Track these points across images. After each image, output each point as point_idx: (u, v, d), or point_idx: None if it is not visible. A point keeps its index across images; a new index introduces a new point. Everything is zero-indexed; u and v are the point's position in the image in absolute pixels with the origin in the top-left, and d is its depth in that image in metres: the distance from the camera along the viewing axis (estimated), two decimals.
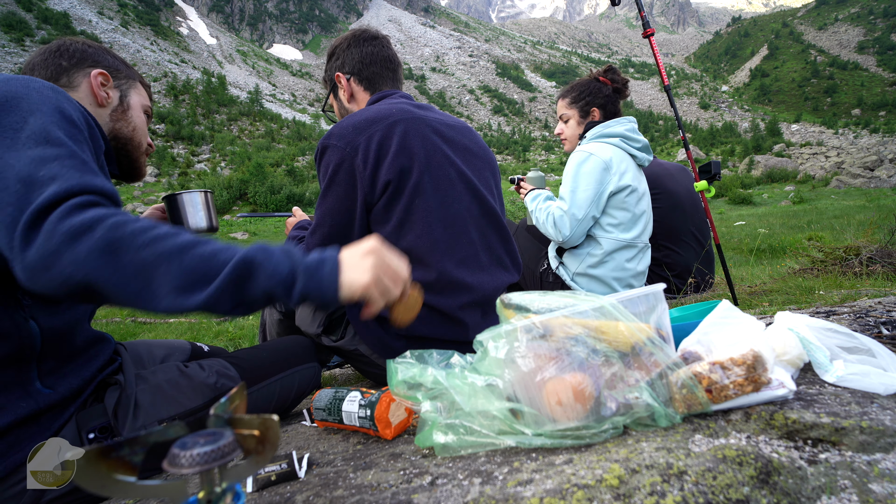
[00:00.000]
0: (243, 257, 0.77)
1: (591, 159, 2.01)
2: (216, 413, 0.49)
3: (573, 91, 2.26)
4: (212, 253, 0.77)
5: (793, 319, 0.98)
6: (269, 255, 0.79)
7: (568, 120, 2.29)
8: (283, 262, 0.80)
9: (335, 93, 1.56)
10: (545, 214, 2.06)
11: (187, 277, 0.74)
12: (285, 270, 0.79)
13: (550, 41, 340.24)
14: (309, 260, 0.82)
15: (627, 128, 2.15)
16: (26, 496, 0.88)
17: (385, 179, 1.22)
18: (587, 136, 2.18)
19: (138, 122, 1.22)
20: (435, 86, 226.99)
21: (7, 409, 0.88)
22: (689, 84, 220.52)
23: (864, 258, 3.04)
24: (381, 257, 0.85)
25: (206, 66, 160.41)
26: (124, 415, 0.99)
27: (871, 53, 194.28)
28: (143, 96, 1.27)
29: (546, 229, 2.06)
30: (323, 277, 0.81)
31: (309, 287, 0.80)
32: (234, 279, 0.76)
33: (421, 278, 1.26)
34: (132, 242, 0.73)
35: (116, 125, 1.18)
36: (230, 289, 0.76)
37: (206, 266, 0.75)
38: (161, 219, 1.41)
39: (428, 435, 0.82)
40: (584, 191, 1.98)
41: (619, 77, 2.25)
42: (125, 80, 1.22)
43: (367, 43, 1.50)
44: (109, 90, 1.17)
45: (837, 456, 0.67)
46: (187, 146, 70.34)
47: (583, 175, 2.00)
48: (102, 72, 1.16)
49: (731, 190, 30.00)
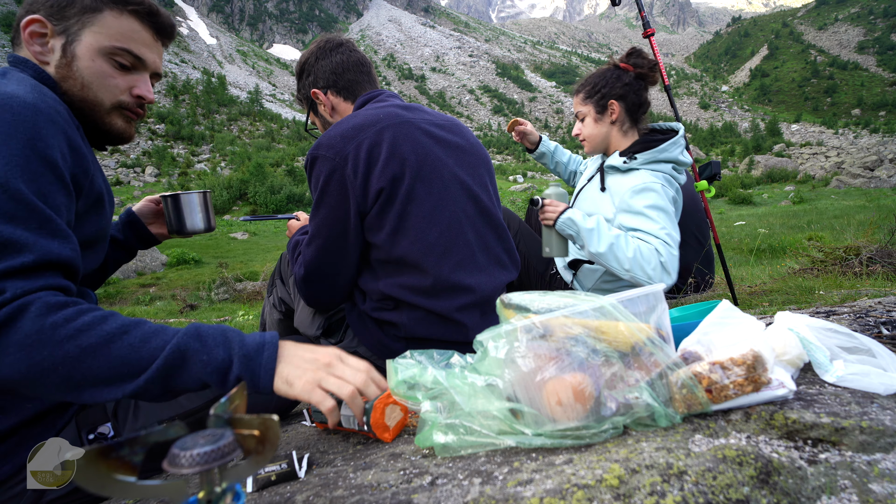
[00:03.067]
0: (175, 347, 0.74)
1: (665, 192, 1.73)
2: (216, 413, 0.49)
3: (587, 84, 1.95)
4: (141, 341, 0.73)
5: (793, 319, 0.98)
6: (203, 342, 0.76)
7: (584, 118, 1.97)
8: (219, 347, 0.77)
9: (315, 110, 1.54)
10: (632, 249, 1.58)
11: (114, 371, 0.71)
12: (220, 356, 0.76)
13: (550, 41, 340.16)
14: (248, 343, 0.79)
15: (681, 150, 1.82)
16: (26, 496, 0.88)
17: (377, 187, 1.21)
18: (638, 158, 1.81)
19: (89, 75, 0.95)
20: (435, 86, 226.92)
21: (13, 410, 0.88)
22: (689, 84, 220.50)
23: (864, 258, 3.04)
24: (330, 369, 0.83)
25: (206, 66, 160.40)
26: (124, 415, 1.00)
27: (871, 53, 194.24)
28: (109, 31, 0.95)
29: (636, 269, 1.57)
30: (260, 364, 0.78)
31: (244, 372, 0.77)
32: (164, 370, 0.73)
33: (417, 284, 1.25)
34: (52, 336, 0.68)
35: (64, 85, 0.95)
36: (160, 380, 0.73)
37: (134, 357, 0.72)
38: (155, 212, 1.40)
39: (428, 435, 0.82)
40: (673, 229, 1.68)
41: (644, 60, 1.90)
42: (77, 16, 0.93)
43: (335, 52, 1.47)
44: (51, 39, 0.93)
45: (837, 456, 0.67)
46: (187, 146, 70.32)
47: (666, 210, 1.71)
48: (33, 18, 0.92)
49: (731, 190, 30.00)
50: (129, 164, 54.36)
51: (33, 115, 0.79)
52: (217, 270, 12.34)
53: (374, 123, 1.25)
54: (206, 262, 15.53)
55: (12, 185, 0.73)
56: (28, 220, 0.74)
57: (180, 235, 1.36)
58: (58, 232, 0.78)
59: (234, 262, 15.25)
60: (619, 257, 1.59)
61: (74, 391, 0.70)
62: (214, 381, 0.77)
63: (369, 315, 1.33)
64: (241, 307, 7.74)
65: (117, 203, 30.24)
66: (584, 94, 1.97)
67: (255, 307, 7.54)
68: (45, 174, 0.78)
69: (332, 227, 1.25)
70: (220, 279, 9.78)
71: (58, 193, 0.80)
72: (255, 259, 15.67)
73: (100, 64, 0.96)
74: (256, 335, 0.82)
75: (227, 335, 0.79)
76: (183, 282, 12.24)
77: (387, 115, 1.28)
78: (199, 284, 10.77)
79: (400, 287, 1.26)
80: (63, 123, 0.85)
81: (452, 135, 1.39)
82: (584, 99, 1.96)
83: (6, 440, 0.87)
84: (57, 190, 0.80)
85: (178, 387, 0.76)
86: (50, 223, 0.77)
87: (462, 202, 1.32)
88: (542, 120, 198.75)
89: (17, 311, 0.68)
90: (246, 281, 10.23)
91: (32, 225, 0.74)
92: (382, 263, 1.28)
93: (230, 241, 22.18)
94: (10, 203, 0.73)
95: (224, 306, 8.30)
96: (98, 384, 0.70)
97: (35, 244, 0.73)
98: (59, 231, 0.78)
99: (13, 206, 0.73)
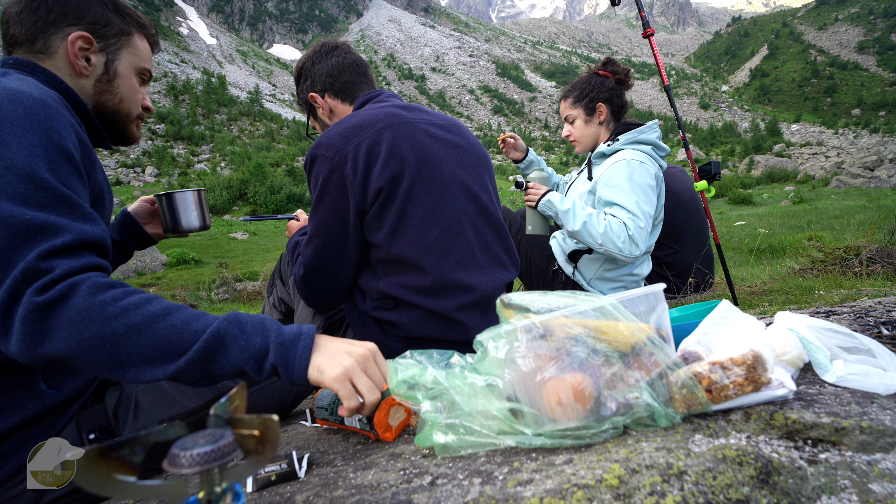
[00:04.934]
0: (215, 331, 0.75)
1: (644, 169, 1.89)
2: (216, 413, 0.49)
3: (574, 90, 2.16)
4: (184, 323, 0.75)
5: (793, 319, 0.98)
6: (242, 329, 0.78)
7: (574, 120, 2.16)
8: (257, 335, 0.78)
9: (314, 114, 1.55)
10: (602, 225, 1.79)
11: (157, 350, 0.72)
12: (258, 343, 0.78)
13: (550, 41, 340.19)
14: (285, 333, 0.81)
15: (657, 135, 2.04)
16: (27, 496, 0.88)
17: (376, 187, 1.21)
18: (620, 139, 2.02)
19: (126, 91, 1.06)
20: (435, 86, 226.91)
21: (14, 410, 0.88)
22: (689, 84, 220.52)
23: (864, 258, 3.04)
24: (364, 363, 0.84)
25: (206, 66, 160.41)
26: (125, 415, 1.00)
27: (871, 53, 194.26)
28: (139, 54, 1.08)
29: (608, 243, 1.78)
30: (296, 353, 0.79)
31: (279, 361, 0.78)
32: (204, 353, 0.74)
33: (417, 283, 1.25)
34: (102, 313, 0.71)
35: (101, 98, 1.03)
36: (199, 363, 0.74)
37: (176, 337, 0.73)
38: (151, 212, 1.40)
39: (428, 435, 0.82)
40: (645, 202, 1.84)
41: (619, 68, 2.14)
42: (116, 38, 1.03)
43: (330, 55, 1.48)
44: (92, 55, 1.00)
45: (837, 456, 0.67)
46: (187, 146, 70.36)
47: (642, 185, 1.86)
48: (83, 34, 0.98)
49: (731, 190, 30.00)
50: (129, 164, 54.38)
51: (43, 108, 0.82)
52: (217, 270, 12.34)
53: (373, 123, 1.25)
54: (206, 262, 15.52)
55: (38, 174, 0.76)
56: (59, 207, 0.77)
57: (176, 234, 1.36)
58: (87, 215, 0.81)
59: (234, 262, 15.24)
60: (591, 233, 1.81)
61: (120, 369, 0.72)
62: (251, 367, 0.77)
63: (369, 314, 1.33)
64: (241, 307, 7.74)
65: (117, 203, 30.26)
66: (572, 98, 2.16)
67: (255, 307, 7.54)
68: (63, 164, 0.81)
69: (332, 226, 1.25)
70: (220, 279, 9.78)
71: (76, 182, 0.83)
72: (255, 259, 15.66)
73: (133, 81, 1.08)
74: (294, 327, 0.83)
75: (266, 324, 0.81)
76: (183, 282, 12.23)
77: (386, 114, 1.28)
78: (199, 284, 10.76)
79: (400, 286, 1.26)
80: (69, 116, 0.88)
81: (452, 135, 1.39)
82: (573, 103, 2.15)
83: (6, 440, 0.88)
84: (75, 179, 0.83)
85: (217, 372, 0.76)
86: (78, 207, 0.80)
87: (462, 202, 1.32)
88: (542, 120, 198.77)
89: (69, 288, 0.71)
90: (246, 281, 10.22)
91: (63, 210, 0.77)
92: (382, 263, 1.29)
93: (230, 241, 22.18)
94: (39, 192, 0.76)
95: (224, 306, 8.29)
96: (142, 363, 0.72)
97: (70, 226, 0.76)
98: (87, 214, 0.81)
99: (42, 195, 0.76)
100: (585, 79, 2.15)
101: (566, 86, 2.23)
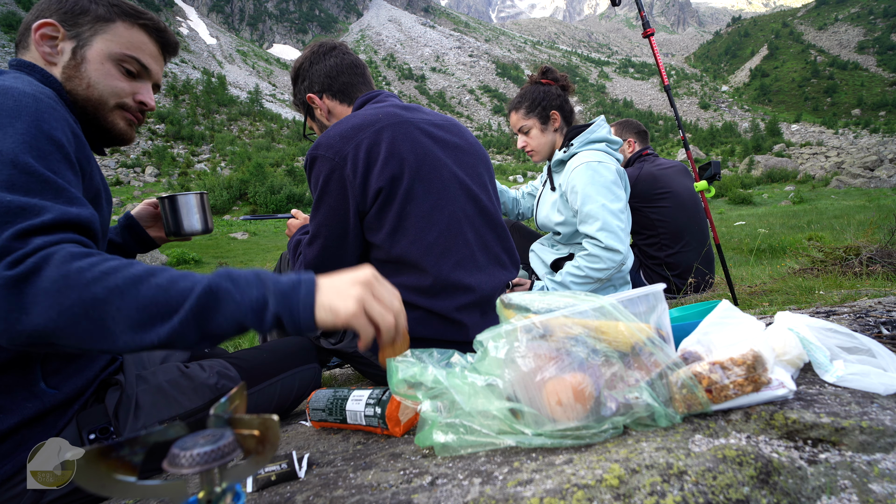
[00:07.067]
0: (206, 287, 0.71)
1: (604, 168, 1.90)
2: (216, 413, 0.49)
3: (525, 100, 2.14)
4: (169, 282, 0.70)
5: (793, 319, 0.97)
6: (235, 283, 0.73)
7: (529, 130, 2.15)
8: (251, 287, 0.74)
9: (311, 115, 1.55)
10: (584, 273, 1.84)
11: (145, 312, 0.68)
12: (254, 295, 0.73)
13: (550, 41, 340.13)
14: (283, 281, 0.76)
15: (607, 129, 2.08)
16: (27, 496, 0.88)
17: (376, 187, 1.21)
18: (574, 143, 2.06)
19: (95, 76, 1.02)
20: (435, 86, 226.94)
21: (14, 410, 0.88)
22: (689, 84, 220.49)
23: (864, 258, 3.04)
24: (371, 288, 0.79)
25: (206, 66, 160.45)
26: (125, 415, 0.99)
27: (871, 53, 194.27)
28: (118, 40, 1.04)
29: (597, 273, 1.83)
30: (298, 299, 0.74)
31: (281, 309, 0.73)
32: (198, 310, 0.70)
33: (416, 283, 1.26)
34: (79, 279, 0.67)
35: (69, 85, 1.00)
36: (194, 322, 0.70)
37: (164, 297, 0.69)
38: (154, 215, 1.40)
39: (428, 434, 0.82)
40: (613, 201, 1.86)
41: (559, 75, 2.16)
42: (90, 24, 1.01)
43: (328, 56, 1.47)
44: (60, 42, 1.00)
45: (837, 456, 0.67)
46: (187, 146, 70.35)
47: (605, 184, 1.88)
48: (47, 21, 0.98)
49: (731, 190, 30.02)
50: (129, 165, 54.41)
51: (34, 101, 0.82)
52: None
53: (372, 123, 1.25)
54: (207, 262, 15.52)
55: (21, 159, 0.75)
56: (43, 192, 0.76)
57: (178, 237, 1.35)
58: (74, 199, 0.79)
59: (234, 262, 15.24)
60: (588, 284, 1.88)
61: (108, 338, 0.68)
62: (251, 321, 0.73)
63: None
64: None
65: (117, 203, 30.23)
66: (525, 109, 2.14)
67: None
68: (53, 152, 0.80)
69: (333, 226, 1.25)
70: None
71: (66, 171, 0.82)
72: (255, 259, 15.66)
73: (108, 67, 1.03)
74: (292, 274, 0.79)
75: (261, 276, 0.76)
76: None
77: (386, 115, 1.29)
78: None
79: (400, 286, 1.26)
80: (63, 112, 0.88)
81: (451, 135, 1.39)
82: (526, 114, 2.14)
83: (6, 440, 0.87)
84: (65, 168, 0.82)
85: (215, 331, 0.72)
86: (65, 192, 0.78)
87: (461, 202, 1.32)
88: None
89: (42, 260, 0.68)
90: None
91: (48, 195, 0.76)
92: (382, 263, 1.29)
93: (230, 241, 22.18)
94: (23, 177, 0.75)
95: None
96: (130, 328, 0.68)
97: (52, 207, 0.74)
98: (74, 199, 0.79)
99: (26, 179, 0.75)
100: (532, 89, 2.15)
101: (514, 98, 2.22)
